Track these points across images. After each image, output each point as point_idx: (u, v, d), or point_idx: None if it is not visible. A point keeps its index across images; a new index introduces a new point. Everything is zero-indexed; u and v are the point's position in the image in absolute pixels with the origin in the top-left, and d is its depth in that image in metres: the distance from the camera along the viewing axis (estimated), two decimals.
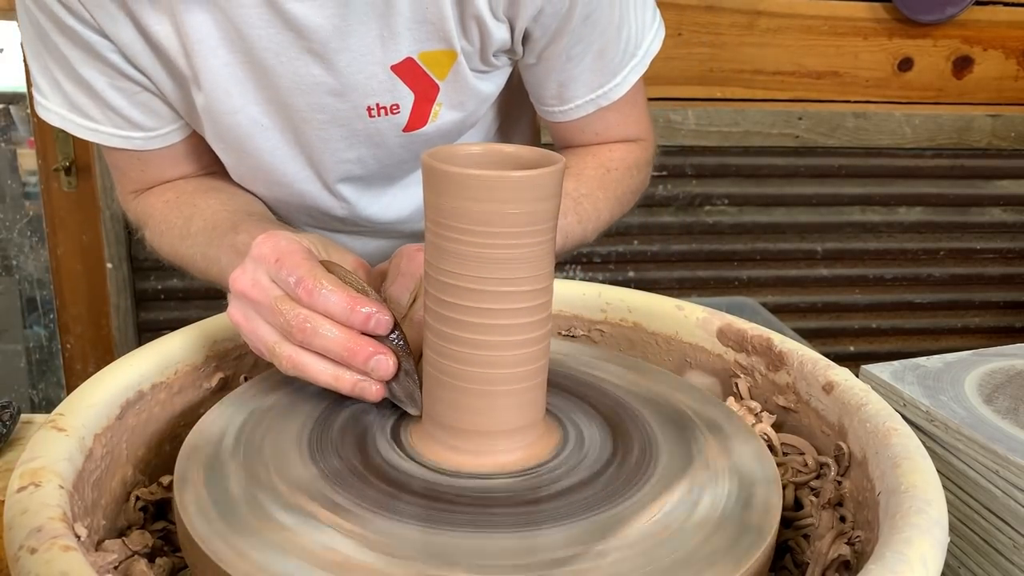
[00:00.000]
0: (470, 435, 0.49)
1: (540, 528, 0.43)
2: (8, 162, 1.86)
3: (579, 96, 0.80)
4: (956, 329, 2.25)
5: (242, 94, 0.73)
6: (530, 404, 0.49)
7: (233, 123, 0.75)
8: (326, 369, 0.51)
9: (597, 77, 0.79)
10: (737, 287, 2.12)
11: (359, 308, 0.50)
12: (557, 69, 0.78)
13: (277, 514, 0.44)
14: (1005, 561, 0.61)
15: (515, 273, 0.46)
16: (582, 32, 0.75)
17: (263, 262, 0.52)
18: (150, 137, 0.78)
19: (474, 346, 0.47)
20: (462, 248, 0.45)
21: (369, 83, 0.73)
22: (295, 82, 0.73)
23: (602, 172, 0.83)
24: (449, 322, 0.47)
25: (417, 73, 0.74)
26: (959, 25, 2.00)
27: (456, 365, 0.47)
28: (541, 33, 0.74)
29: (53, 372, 1.99)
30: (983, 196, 2.15)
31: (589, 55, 0.77)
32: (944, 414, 0.65)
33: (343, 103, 0.74)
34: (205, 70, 0.71)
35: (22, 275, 1.92)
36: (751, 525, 0.45)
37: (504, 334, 0.47)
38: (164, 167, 0.82)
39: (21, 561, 0.37)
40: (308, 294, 0.50)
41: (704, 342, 0.65)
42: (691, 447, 0.51)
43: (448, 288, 0.46)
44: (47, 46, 0.72)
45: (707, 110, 1.97)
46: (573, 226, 0.78)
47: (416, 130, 0.78)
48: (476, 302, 0.46)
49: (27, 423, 0.80)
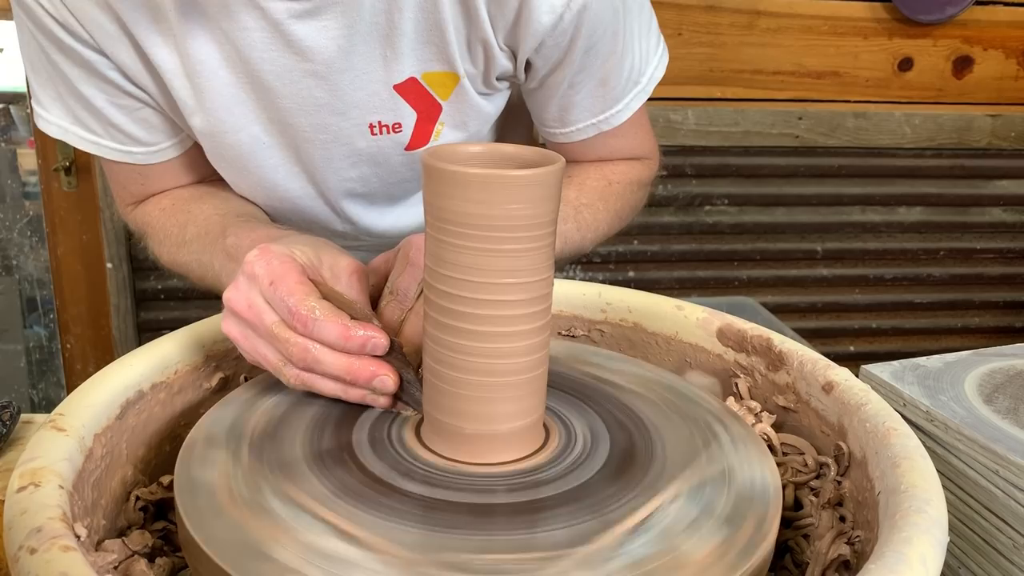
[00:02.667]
0: (470, 435, 0.49)
1: (540, 530, 0.43)
2: (8, 162, 1.86)
3: (580, 120, 0.80)
4: (956, 329, 2.25)
5: (244, 114, 0.73)
6: (530, 404, 0.49)
7: (235, 142, 0.75)
8: (333, 386, 0.53)
9: (599, 103, 0.79)
10: (737, 287, 2.12)
11: (354, 335, 0.51)
12: (559, 95, 0.78)
13: (277, 514, 0.44)
14: (1005, 561, 0.61)
15: (515, 272, 0.46)
16: (584, 62, 0.74)
17: (257, 282, 0.52)
18: (150, 152, 0.78)
19: (474, 347, 0.47)
20: (462, 247, 0.45)
21: (371, 101, 0.73)
22: (297, 103, 0.72)
23: (604, 184, 0.82)
24: (449, 321, 0.47)
25: (420, 93, 0.74)
26: (959, 25, 1.99)
27: (456, 365, 0.47)
28: (543, 63, 0.74)
29: (53, 372, 1.99)
30: (983, 196, 2.15)
31: (591, 83, 0.77)
32: (944, 414, 0.65)
33: (345, 121, 0.74)
34: (207, 90, 0.71)
35: (22, 275, 1.92)
36: (751, 525, 0.45)
37: (504, 334, 0.46)
38: (164, 179, 0.82)
39: (21, 561, 0.37)
40: (303, 325, 0.51)
41: (704, 342, 0.65)
42: (690, 447, 0.51)
43: (448, 287, 0.46)
44: (46, 62, 0.72)
45: (707, 110, 1.97)
46: (572, 232, 0.78)
47: (418, 148, 0.78)
48: (476, 304, 0.46)
49: (27, 423, 0.80)
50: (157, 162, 0.79)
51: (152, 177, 0.81)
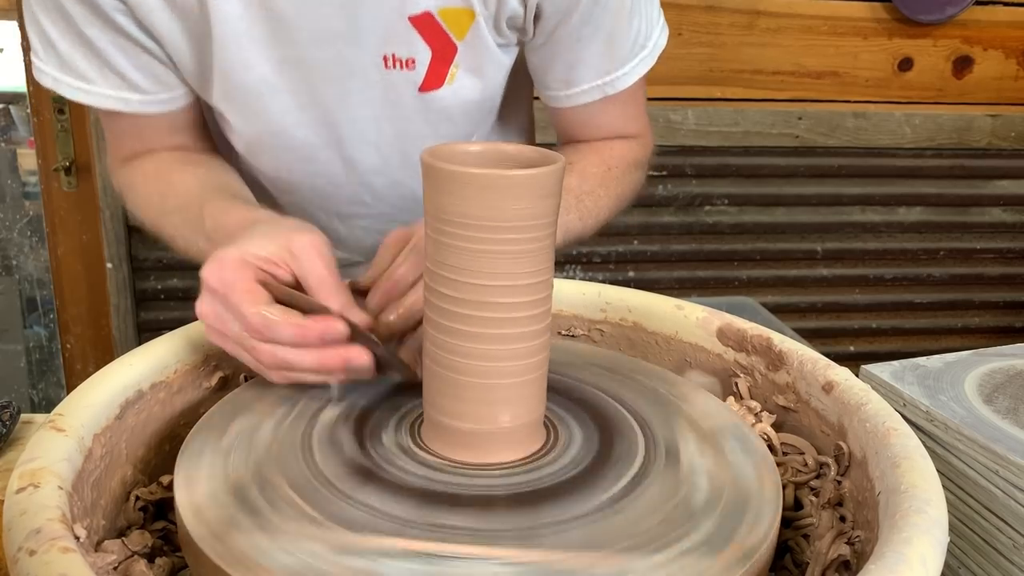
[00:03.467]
0: (469, 433, 0.49)
1: (540, 529, 0.43)
2: (8, 162, 1.86)
3: (586, 80, 0.80)
4: (956, 329, 2.25)
5: (256, 50, 0.73)
6: (529, 403, 0.49)
7: (243, 81, 0.74)
8: (314, 377, 0.54)
9: (605, 63, 0.79)
10: (737, 287, 2.12)
11: (310, 331, 0.51)
12: (565, 50, 0.78)
13: (277, 513, 0.44)
14: (1005, 561, 0.61)
15: (515, 272, 0.46)
16: (593, 12, 0.75)
17: (216, 296, 0.53)
18: (147, 101, 0.77)
19: (474, 345, 0.47)
20: (462, 246, 0.45)
21: (386, 31, 0.73)
22: (312, 32, 0.72)
23: (604, 170, 0.82)
24: (449, 320, 0.47)
25: (435, 29, 0.74)
26: (959, 25, 1.99)
27: (456, 363, 0.47)
28: (552, 10, 0.74)
29: (53, 372, 1.99)
30: (983, 196, 2.15)
31: (599, 39, 0.77)
32: (944, 414, 0.65)
33: (359, 51, 0.74)
34: (218, 22, 0.70)
35: (22, 275, 1.92)
36: (750, 525, 0.45)
37: (504, 334, 0.46)
38: (160, 134, 0.81)
39: (20, 563, 0.37)
40: (259, 333, 0.52)
41: (704, 342, 0.65)
42: (690, 447, 0.51)
43: (448, 286, 0.46)
44: (48, 4, 0.71)
45: (707, 110, 1.97)
46: (574, 223, 0.78)
47: (432, 91, 0.77)
48: (476, 301, 0.46)
49: (27, 423, 0.80)
50: (154, 112, 0.78)
51: (148, 130, 0.80)
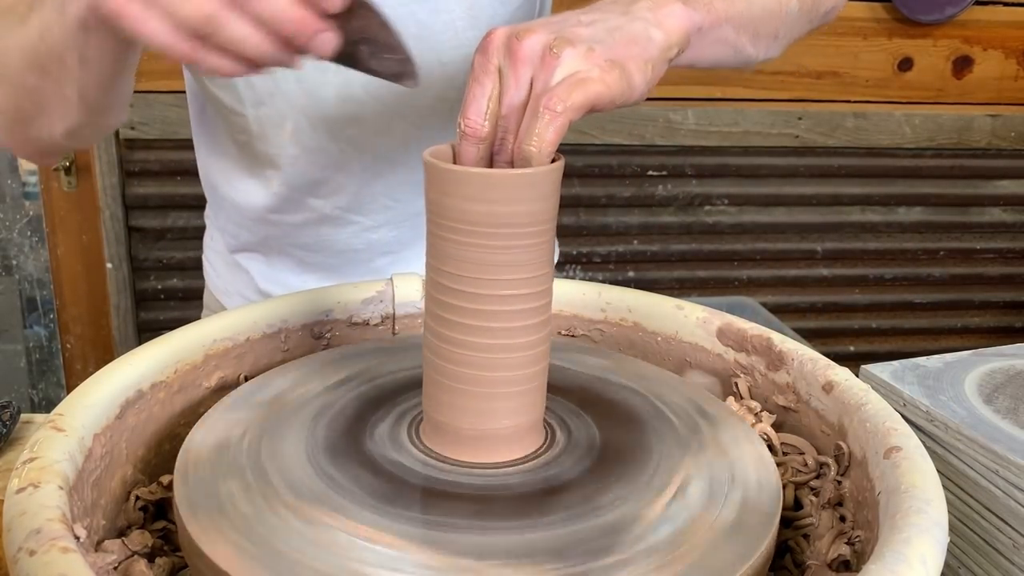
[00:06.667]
0: (469, 435, 0.48)
1: (539, 531, 0.43)
2: (8, 162, 1.86)
3: None
4: (956, 329, 2.25)
5: None
6: (530, 404, 0.49)
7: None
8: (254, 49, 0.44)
9: None
10: (737, 287, 2.12)
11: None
12: None
13: (277, 513, 0.44)
14: (1005, 561, 0.61)
15: (515, 271, 0.46)
16: None
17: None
18: None
19: (474, 346, 0.47)
20: (462, 246, 0.45)
21: None
22: None
23: None
24: (448, 321, 0.47)
25: None
26: (959, 25, 1.99)
27: (455, 365, 0.47)
28: None
29: (53, 372, 1.99)
30: (983, 196, 2.15)
31: None
32: (944, 414, 0.65)
33: None
34: None
35: (22, 275, 1.92)
36: (750, 525, 0.45)
37: (504, 334, 0.46)
38: None
39: (20, 563, 0.37)
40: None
41: (704, 342, 0.65)
42: (689, 447, 0.51)
43: (448, 286, 0.46)
44: None
45: (707, 110, 1.97)
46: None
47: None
48: (477, 299, 0.46)
49: (27, 423, 0.80)
50: None
51: None
